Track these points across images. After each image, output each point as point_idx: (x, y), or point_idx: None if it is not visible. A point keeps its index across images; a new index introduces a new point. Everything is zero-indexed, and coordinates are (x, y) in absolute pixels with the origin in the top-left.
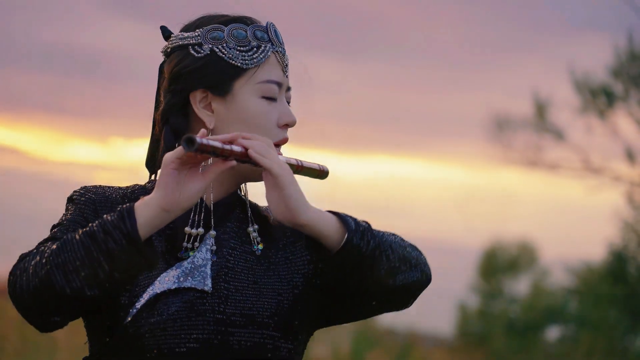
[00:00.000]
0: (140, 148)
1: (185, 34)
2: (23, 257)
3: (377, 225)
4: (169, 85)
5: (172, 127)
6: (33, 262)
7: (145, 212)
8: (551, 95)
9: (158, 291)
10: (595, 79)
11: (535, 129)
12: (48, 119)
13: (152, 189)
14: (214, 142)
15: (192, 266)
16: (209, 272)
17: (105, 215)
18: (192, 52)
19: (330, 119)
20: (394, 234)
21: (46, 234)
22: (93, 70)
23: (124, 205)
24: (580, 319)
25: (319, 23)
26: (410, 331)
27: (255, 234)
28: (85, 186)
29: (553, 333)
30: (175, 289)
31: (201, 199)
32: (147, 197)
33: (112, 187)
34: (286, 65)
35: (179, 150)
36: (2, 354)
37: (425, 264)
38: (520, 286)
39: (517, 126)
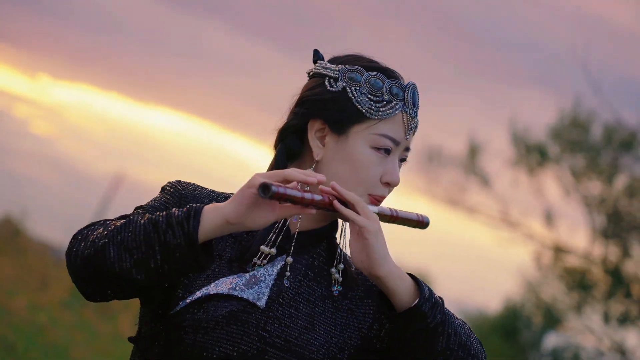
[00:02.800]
0: (65, 90)
1: (329, 65)
2: (90, 225)
3: None
4: (295, 106)
5: (286, 146)
6: (96, 232)
7: (211, 218)
8: (486, 140)
9: (212, 292)
10: (533, 135)
11: (463, 169)
12: None
13: None
14: (294, 192)
15: (254, 280)
16: (267, 290)
17: (174, 209)
18: (327, 83)
19: (277, 112)
20: (464, 322)
21: None
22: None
23: (195, 205)
24: None
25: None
26: None
27: (337, 275)
28: (180, 180)
29: None
30: (229, 295)
31: (283, 221)
32: (218, 205)
33: (207, 188)
34: (412, 128)
35: (266, 180)
36: None
37: (485, 355)
38: None
39: (447, 162)
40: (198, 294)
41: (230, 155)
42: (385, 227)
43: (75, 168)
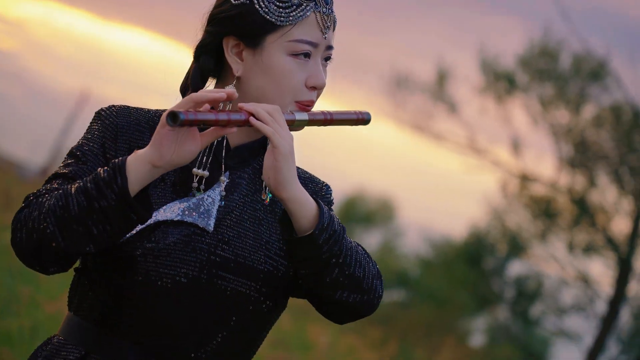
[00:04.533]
0: (30, 5)
1: None
2: (24, 208)
3: None
4: (207, 24)
5: (201, 66)
6: (32, 217)
7: (137, 168)
8: (455, 66)
9: (160, 218)
10: (501, 63)
11: (431, 95)
12: None
13: None
14: (206, 115)
15: (200, 203)
16: (214, 213)
17: (99, 170)
18: None
19: None
20: (363, 252)
21: None
22: None
23: (116, 160)
24: (426, 290)
25: None
26: None
27: None
28: (113, 105)
29: (396, 295)
30: (178, 221)
31: (215, 141)
32: (140, 152)
33: (141, 109)
34: (328, 26)
35: (174, 109)
36: None
37: (376, 296)
38: (371, 240)
39: (415, 88)
40: (147, 221)
41: None
42: (346, 145)
43: (40, 84)
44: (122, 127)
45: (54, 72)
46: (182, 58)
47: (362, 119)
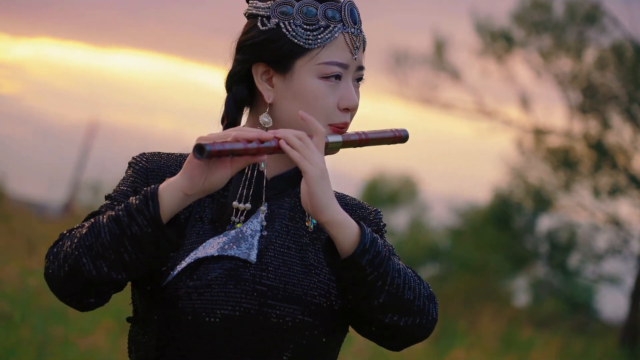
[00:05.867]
0: (25, 46)
1: (259, 4)
2: (58, 241)
3: None
4: (235, 53)
5: (234, 95)
6: (64, 248)
7: (169, 195)
8: (450, 34)
9: (201, 256)
10: (496, 22)
11: (432, 66)
12: None
13: None
14: (234, 145)
15: (240, 236)
16: (256, 243)
17: (131, 198)
18: (259, 24)
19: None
20: (413, 275)
21: None
22: None
23: (149, 188)
24: (460, 259)
25: None
26: None
27: None
28: (144, 153)
29: (432, 270)
30: (218, 256)
31: (252, 172)
32: (172, 180)
33: (171, 154)
34: (358, 46)
35: (200, 141)
36: None
37: (430, 320)
38: (399, 219)
39: (415, 62)
40: (188, 260)
41: (197, 84)
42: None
43: (47, 121)
44: (152, 171)
45: (59, 107)
46: (178, 72)
47: (398, 137)
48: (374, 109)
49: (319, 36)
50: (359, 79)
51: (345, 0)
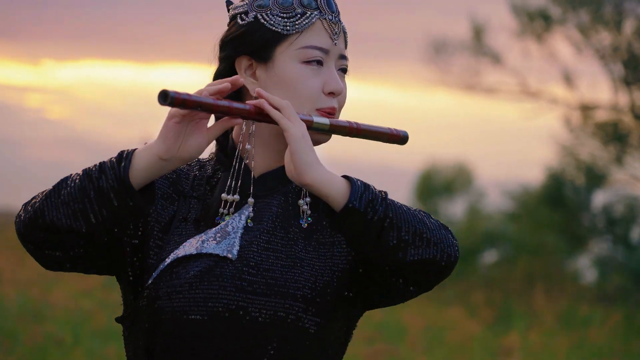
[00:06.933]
0: (71, 69)
1: (237, 4)
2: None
3: None
4: (219, 53)
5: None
6: (38, 195)
7: (143, 157)
8: (488, 18)
9: (180, 255)
10: (532, 2)
11: (472, 52)
12: None
13: (209, 163)
14: (202, 98)
15: (222, 233)
16: (237, 240)
17: (110, 157)
18: (238, 19)
19: None
20: (418, 210)
21: None
22: None
23: (128, 149)
24: (518, 242)
25: None
26: None
27: (306, 207)
28: None
29: (490, 257)
30: (197, 254)
31: (245, 166)
32: (149, 143)
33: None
34: (337, 32)
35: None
36: None
37: (449, 245)
38: (456, 208)
39: (454, 49)
40: (168, 261)
41: None
42: (405, 124)
43: (99, 143)
44: (171, 178)
45: (108, 128)
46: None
47: (396, 136)
48: (419, 101)
49: (297, 22)
50: (344, 69)
51: None
